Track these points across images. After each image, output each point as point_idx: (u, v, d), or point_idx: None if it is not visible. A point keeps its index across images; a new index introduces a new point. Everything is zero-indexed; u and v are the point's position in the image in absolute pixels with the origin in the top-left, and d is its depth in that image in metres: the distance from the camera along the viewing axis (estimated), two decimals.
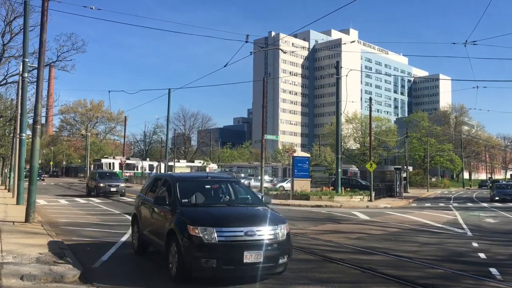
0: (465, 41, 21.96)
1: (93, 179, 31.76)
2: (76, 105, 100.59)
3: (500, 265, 9.49)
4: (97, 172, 33.72)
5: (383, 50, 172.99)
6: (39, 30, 23.23)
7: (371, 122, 40.83)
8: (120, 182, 30.92)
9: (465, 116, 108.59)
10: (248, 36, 20.91)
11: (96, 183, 30.10)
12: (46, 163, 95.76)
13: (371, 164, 32.46)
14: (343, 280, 7.90)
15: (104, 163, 61.98)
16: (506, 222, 18.96)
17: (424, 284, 7.60)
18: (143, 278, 7.76)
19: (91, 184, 31.54)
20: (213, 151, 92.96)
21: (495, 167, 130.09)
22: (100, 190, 29.51)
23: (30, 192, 14.29)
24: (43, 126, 15.38)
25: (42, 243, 10.28)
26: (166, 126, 48.05)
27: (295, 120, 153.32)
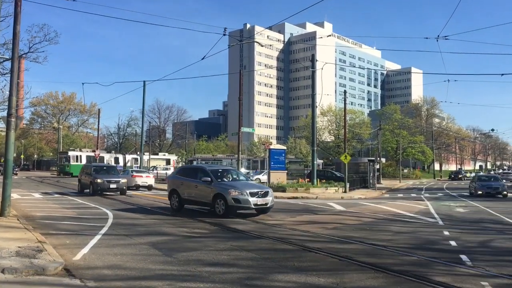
0: (437, 36, 22.48)
1: (87, 174, 27.02)
2: (47, 97, 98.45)
3: (470, 252, 9.91)
4: (92, 165, 28.66)
5: (357, 44, 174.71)
6: (10, 21, 22.80)
7: (346, 115, 41.40)
8: (121, 178, 26.95)
9: (436, 108, 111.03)
10: (226, 29, 20.96)
11: (92, 179, 25.75)
12: (17, 156, 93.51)
13: (345, 156, 32.99)
14: (321, 268, 8.15)
15: (72, 155, 59.55)
16: (476, 212, 19.65)
17: (398, 271, 7.92)
18: (124, 268, 7.82)
19: (85, 179, 27.11)
20: (189, 143, 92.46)
21: (464, 158, 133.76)
22: (97, 187, 25.46)
23: (5, 186, 14.10)
24: (17, 119, 15.11)
25: (20, 237, 10.20)
26: (142, 119, 47.56)
27: (271, 112, 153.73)
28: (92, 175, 26.15)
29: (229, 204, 15.28)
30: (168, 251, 9.44)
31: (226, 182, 16.48)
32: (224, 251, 9.65)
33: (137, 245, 10.12)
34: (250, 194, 15.39)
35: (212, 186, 16.00)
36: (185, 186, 17.38)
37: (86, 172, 27.46)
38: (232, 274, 7.66)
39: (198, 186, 16.67)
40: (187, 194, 17.24)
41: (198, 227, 13.47)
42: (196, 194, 16.81)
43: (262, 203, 15.70)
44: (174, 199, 17.83)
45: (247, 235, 11.90)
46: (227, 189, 15.52)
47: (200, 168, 17.87)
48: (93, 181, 25.59)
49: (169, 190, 18.31)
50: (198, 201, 16.87)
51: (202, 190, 16.46)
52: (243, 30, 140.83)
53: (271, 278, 7.40)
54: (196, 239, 11.15)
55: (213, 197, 15.80)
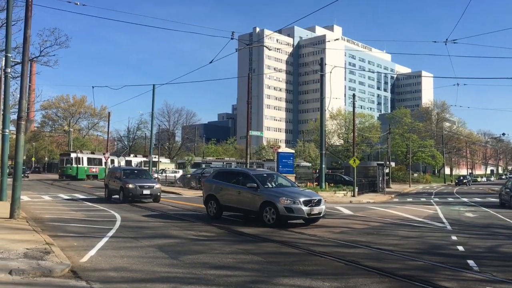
0: (446, 40, 22.42)
1: (116, 178, 24.18)
2: (58, 100, 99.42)
3: (478, 257, 9.83)
4: (121, 168, 26.18)
5: (367, 47, 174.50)
6: (21, 25, 23.14)
7: (355, 119, 41.31)
8: (154, 183, 24.03)
9: (446, 112, 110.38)
10: (234, 33, 21.05)
11: (122, 184, 22.96)
12: (28, 159, 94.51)
13: (354, 160, 32.88)
14: (326, 272, 8.14)
15: (74, 157, 56.26)
16: (485, 217, 19.47)
17: (404, 276, 7.88)
18: (130, 270, 7.88)
19: (114, 184, 24.26)
20: (198, 147, 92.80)
21: (475, 162, 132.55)
22: (129, 193, 22.60)
23: (15, 188, 14.23)
24: (27, 122, 15.29)
25: (28, 239, 10.31)
26: (151, 122, 47.80)
27: (280, 116, 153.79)
28: (122, 179, 23.33)
29: (280, 213, 13.98)
30: (174, 254, 9.49)
31: (274, 189, 15.24)
32: (230, 254, 9.67)
33: (143, 248, 10.18)
34: (303, 203, 14.19)
35: (259, 193, 14.72)
36: (225, 191, 16.08)
37: (115, 176, 24.46)
38: (237, 277, 7.68)
39: (241, 192, 15.37)
40: (227, 201, 15.92)
41: (205, 230, 13.51)
42: (239, 201, 15.47)
43: (316, 213, 14.46)
44: (211, 206, 16.41)
45: (254, 239, 11.91)
46: (277, 197, 14.25)
47: (242, 173, 16.58)
48: (124, 186, 22.70)
49: (206, 195, 16.90)
50: (241, 208, 15.54)
51: (246, 197, 15.17)
52: (253, 34, 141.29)
53: (276, 281, 7.40)
54: (202, 242, 11.19)
55: (261, 205, 14.50)
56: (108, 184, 25.25)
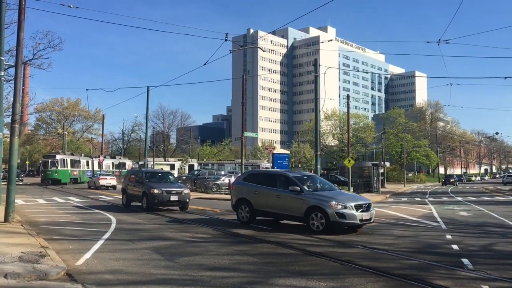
0: (439, 40, 22.54)
1: (138, 182, 21.27)
2: (52, 103, 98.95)
3: (472, 255, 9.90)
4: (143, 171, 22.64)
5: (360, 48, 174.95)
6: (14, 28, 23.03)
7: (349, 119, 41.42)
8: (182, 187, 21.13)
9: (440, 112, 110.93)
10: (228, 34, 21.07)
11: (145, 189, 20.16)
12: (22, 162, 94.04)
13: (349, 160, 32.98)
14: (322, 272, 8.17)
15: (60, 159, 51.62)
16: (479, 215, 19.59)
17: (399, 275, 7.93)
18: (126, 273, 7.87)
19: (134, 190, 21.42)
20: (193, 148, 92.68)
21: (469, 162, 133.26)
22: (154, 200, 19.70)
23: (9, 192, 14.19)
24: (21, 125, 15.24)
25: (23, 242, 10.28)
26: (145, 124, 47.73)
27: (274, 117, 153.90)
28: (145, 184, 20.56)
29: (331, 219, 12.87)
30: (170, 256, 9.49)
31: (319, 192, 14.18)
32: (226, 255, 9.68)
33: (139, 250, 10.18)
34: (355, 208, 13.14)
35: (303, 197, 13.59)
36: (261, 195, 14.88)
37: (136, 180, 21.62)
38: (233, 278, 7.70)
39: (281, 196, 14.22)
40: (263, 205, 14.77)
41: (200, 231, 13.51)
42: (278, 205, 14.30)
43: (367, 218, 13.40)
44: (243, 210, 15.23)
45: (249, 240, 11.93)
46: (326, 201, 13.15)
47: (281, 175, 15.26)
48: (148, 192, 19.85)
49: (236, 199, 15.67)
50: (281, 213, 14.42)
51: (287, 201, 14.01)
52: (247, 35, 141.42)
53: (272, 282, 7.43)
54: (198, 244, 11.19)
55: (307, 210, 13.37)
56: (127, 189, 22.08)
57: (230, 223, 15.66)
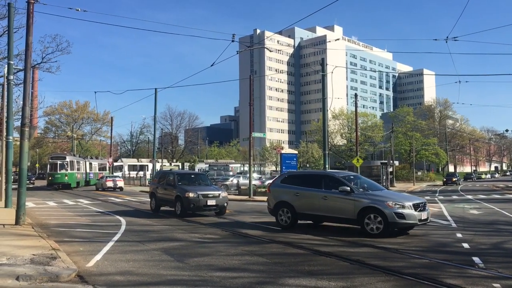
0: (446, 37, 22.41)
1: (169, 185, 19.37)
2: (61, 106, 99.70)
3: (483, 254, 9.83)
4: (175, 173, 20.46)
5: (368, 46, 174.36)
6: (23, 32, 23.23)
7: (357, 118, 41.30)
8: (219, 190, 19.28)
9: (449, 110, 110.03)
10: (234, 35, 21.09)
11: (179, 192, 18.24)
12: (32, 165, 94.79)
13: (357, 160, 32.87)
14: (332, 272, 8.15)
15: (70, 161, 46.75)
16: (489, 213, 19.44)
17: (410, 274, 7.89)
18: (136, 274, 7.91)
19: (165, 193, 19.56)
20: (201, 149, 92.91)
21: (479, 159, 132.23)
22: (189, 205, 17.77)
23: (20, 195, 14.31)
24: (31, 129, 15.37)
25: (34, 245, 10.37)
26: (154, 126, 47.88)
27: (282, 117, 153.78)
28: (177, 186, 18.69)
29: (389, 220, 12.11)
30: (180, 257, 9.52)
31: (373, 192, 13.44)
32: (235, 256, 9.70)
33: (149, 251, 10.22)
34: (413, 207, 12.45)
35: (355, 198, 12.86)
36: (304, 197, 14.15)
37: (167, 183, 19.67)
38: (243, 278, 7.71)
39: (328, 197, 13.44)
40: (307, 208, 13.99)
41: (209, 232, 13.55)
42: (325, 207, 13.52)
43: (425, 218, 12.68)
44: (284, 214, 14.46)
45: (258, 240, 11.94)
46: (383, 201, 12.47)
47: (327, 175, 14.55)
48: (183, 195, 17.93)
49: (275, 203, 14.81)
50: (328, 216, 13.64)
51: (336, 203, 13.26)
52: (253, 36, 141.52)
53: (282, 282, 7.42)
54: (207, 245, 11.22)
55: (360, 211, 12.64)
56: (156, 193, 20.32)
57: (244, 224, 15.67)
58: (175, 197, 18.42)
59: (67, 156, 48.52)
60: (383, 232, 12.18)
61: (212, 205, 18.09)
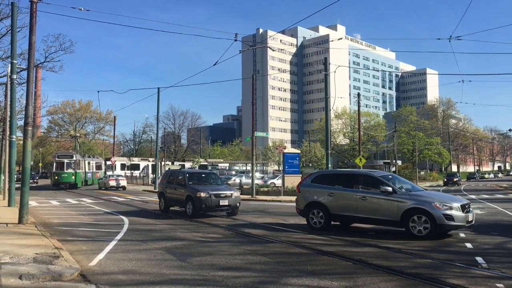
0: (450, 37, 22.35)
1: (179, 184, 18.81)
2: (64, 105, 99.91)
3: (486, 254, 9.80)
4: (184, 172, 19.86)
5: (371, 46, 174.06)
6: (26, 31, 23.26)
7: (360, 117, 41.23)
8: (231, 190, 18.77)
9: (452, 109, 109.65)
10: (237, 34, 21.06)
11: (190, 192, 17.65)
12: (35, 164, 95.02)
13: (360, 159, 32.83)
14: (334, 272, 8.14)
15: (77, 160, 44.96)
16: (493, 213, 19.38)
17: (413, 274, 7.87)
18: (139, 273, 7.92)
19: (175, 193, 18.94)
20: (203, 149, 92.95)
21: (482, 159, 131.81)
22: (201, 205, 17.18)
23: (23, 194, 14.35)
24: (34, 128, 15.41)
25: (37, 244, 10.38)
26: (156, 125, 47.91)
27: (285, 116, 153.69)
28: (187, 186, 18.13)
29: (438, 222, 11.60)
30: (182, 256, 9.52)
31: (416, 193, 12.87)
32: (238, 255, 9.70)
33: (151, 250, 10.23)
34: (461, 208, 12.01)
35: (398, 199, 12.29)
36: (339, 198, 13.50)
37: (177, 183, 19.11)
38: (246, 278, 7.71)
39: (367, 198, 12.82)
40: (342, 209, 13.35)
41: (212, 231, 13.55)
42: (363, 208, 12.88)
43: (471, 219, 12.22)
44: (316, 216, 13.75)
45: (261, 239, 11.93)
46: (429, 202, 11.94)
47: (365, 175, 13.94)
48: (194, 195, 17.34)
49: (306, 203, 14.11)
50: (367, 218, 12.97)
51: (377, 204, 12.67)
52: (256, 35, 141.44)
53: (284, 282, 7.42)
54: (210, 244, 11.22)
55: (404, 213, 12.06)
56: (165, 193, 19.65)
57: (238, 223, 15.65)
58: (186, 197, 17.80)
59: (74, 154, 46.60)
60: (430, 234, 11.71)
61: (224, 205, 17.49)
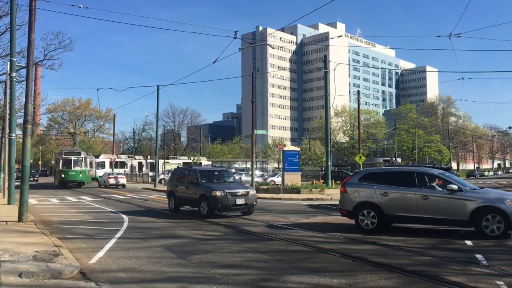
0: (450, 34, 22.35)
1: (191, 183, 17.91)
2: (64, 103, 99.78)
3: (486, 251, 9.79)
4: (196, 170, 18.45)
5: (370, 43, 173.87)
6: (25, 29, 23.28)
7: (360, 115, 41.21)
8: (247, 188, 17.88)
9: (452, 107, 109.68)
10: (237, 32, 21.06)
11: (204, 191, 16.74)
12: (35, 162, 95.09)
13: (360, 157, 32.83)
14: (334, 269, 8.14)
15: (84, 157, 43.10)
16: None
17: (413, 271, 7.87)
18: (139, 271, 7.92)
19: (187, 192, 18.02)
20: (203, 147, 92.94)
21: (482, 156, 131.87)
22: (217, 204, 16.23)
23: (22, 192, 14.33)
24: (33, 126, 15.39)
25: (37, 242, 10.38)
26: (156, 123, 47.86)
27: (285, 114, 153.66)
28: (201, 185, 17.23)
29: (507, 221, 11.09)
30: (182, 254, 9.52)
31: (483, 190, 12.28)
32: (238, 253, 9.70)
33: (151, 248, 10.23)
34: None
35: (466, 197, 11.67)
36: (395, 197, 12.64)
37: (189, 181, 18.15)
38: (245, 275, 7.71)
39: (429, 197, 12.08)
40: (399, 209, 12.54)
41: (212, 229, 13.54)
42: (426, 208, 12.12)
43: None
44: (367, 217, 12.85)
45: (261, 237, 11.92)
46: (502, 200, 11.42)
47: (424, 172, 12.91)
48: (209, 194, 16.40)
49: (355, 204, 13.15)
50: (428, 218, 12.26)
51: (441, 203, 11.98)
52: (256, 33, 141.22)
53: (284, 279, 7.41)
54: (210, 242, 11.22)
55: (473, 212, 11.47)
56: (175, 192, 18.71)
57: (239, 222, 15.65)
58: (200, 196, 16.89)
59: (81, 151, 45.02)
60: (503, 234, 11.20)
61: (241, 204, 16.60)
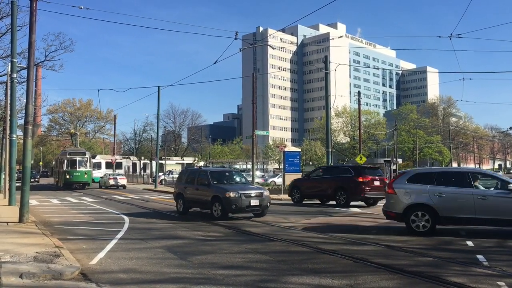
0: (450, 34, 22.32)
1: (202, 184, 17.34)
2: (65, 104, 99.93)
3: (487, 252, 9.78)
4: (207, 171, 18.18)
5: (371, 44, 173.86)
6: (26, 30, 23.23)
7: (360, 116, 41.20)
8: (261, 189, 17.45)
9: (452, 107, 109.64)
10: (237, 33, 21.05)
11: (217, 192, 16.24)
12: (36, 163, 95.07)
13: (361, 157, 32.81)
14: (335, 270, 8.13)
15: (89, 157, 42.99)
16: None
17: (414, 272, 7.85)
18: (140, 272, 7.91)
19: (197, 194, 17.48)
20: (204, 147, 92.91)
21: (483, 157, 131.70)
22: (231, 206, 15.79)
23: (23, 193, 14.33)
24: (34, 127, 15.40)
25: (38, 242, 10.38)
26: (157, 124, 47.89)
27: (285, 115, 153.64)
28: (212, 186, 16.73)
29: None
30: (183, 255, 9.51)
31: None
32: (238, 254, 9.69)
33: (152, 249, 10.23)
34: None
35: None
36: (451, 198, 12.20)
37: (200, 183, 17.61)
38: (246, 276, 7.70)
39: (488, 197, 11.88)
40: (455, 210, 12.15)
41: (212, 230, 13.53)
42: (485, 209, 11.83)
43: None
44: (419, 218, 12.33)
45: (261, 238, 11.91)
46: None
47: (478, 172, 13.20)
48: (222, 196, 15.93)
49: (405, 206, 12.56)
50: (489, 219, 11.96)
51: (502, 203, 11.77)
52: (256, 33, 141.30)
53: (285, 280, 7.40)
54: (210, 242, 11.21)
55: None
56: (184, 193, 18.16)
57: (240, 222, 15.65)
58: (212, 197, 16.40)
59: (86, 151, 44.95)
60: None
61: (255, 205, 16.17)
